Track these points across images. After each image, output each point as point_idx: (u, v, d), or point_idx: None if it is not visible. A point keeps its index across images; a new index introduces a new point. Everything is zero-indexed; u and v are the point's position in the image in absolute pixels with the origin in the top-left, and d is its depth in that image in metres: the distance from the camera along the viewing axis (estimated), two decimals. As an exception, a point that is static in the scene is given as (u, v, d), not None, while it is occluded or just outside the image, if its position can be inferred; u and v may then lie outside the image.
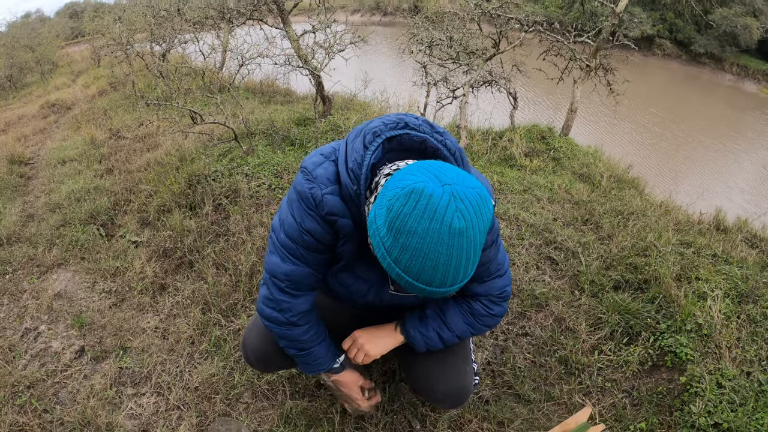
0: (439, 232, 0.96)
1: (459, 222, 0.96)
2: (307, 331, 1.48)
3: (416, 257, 0.98)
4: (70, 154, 5.74)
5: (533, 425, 1.95)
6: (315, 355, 1.53)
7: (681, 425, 1.87)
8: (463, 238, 0.97)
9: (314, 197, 1.23)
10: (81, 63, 16.01)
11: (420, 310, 1.53)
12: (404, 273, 1.02)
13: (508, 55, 5.49)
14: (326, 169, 1.24)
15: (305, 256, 1.33)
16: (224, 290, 2.69)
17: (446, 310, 1.51)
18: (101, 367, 2.37)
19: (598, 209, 3.43)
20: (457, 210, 0.96)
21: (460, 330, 1.51)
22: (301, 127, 4.71)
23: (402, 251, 1.00)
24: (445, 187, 0.98)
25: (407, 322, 1.52)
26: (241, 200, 3.35)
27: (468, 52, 4.53)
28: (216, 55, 6.25)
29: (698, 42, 24.84)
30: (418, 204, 0.97)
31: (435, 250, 0.97)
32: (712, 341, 2.14)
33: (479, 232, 0.99)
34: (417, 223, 0.96)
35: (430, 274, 1.00)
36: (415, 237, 0.97)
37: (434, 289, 1.03)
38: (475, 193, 1.00)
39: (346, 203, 1.24)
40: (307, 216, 1.26)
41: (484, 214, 1.00)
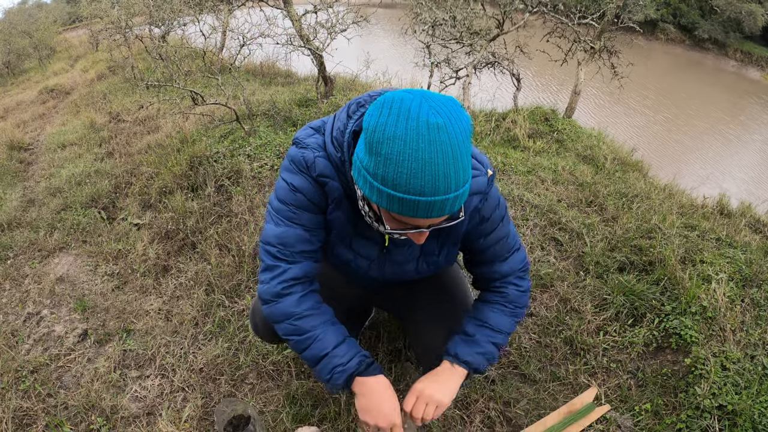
0: (417, 129, 0.93)
1: (435, 117, 0.94)
2: (301, 301, 1.32)
3: (400, 164, 0.95)
4: (69, 139, 5.72)
5: (539, 405, 1.95)
6: (320, 341, 1.31)
7: (686, 407, 1.87)
8: (443, 134, 0.94)
9: (306, 159, 1.24)
10: (79, 48, 15.92)
11: (460, 334, 1.44)
12: (393, 190, 0.98)
13: (512, 36, 5.42)
14: (316, 139, 1.26)
15: (297, 216, 1.28)
16: (227, 271, 2.68)
17: (486, 317, 1.43)
18: (105, 350, 2.37)
19: (602, 191, 3.40)
20: (431, 108, 0.95)
21: (507, 326, 1.44)
22: (302, 108, 4.67)
23: (385, 164, 0.96)
24: (415, 93, 0.98)
25: (459, 353, 1.40)
26: (244, 181, 3.32)
27: (471, 33, 4.46)
28: (216, 35, 6.18)
29: (702, 27, 24.60)
30: (391, 110, 0.96)
31: (418, 149, 0.93)
32: (716, 324, 2.13)
33: (460, 132, 0.96)
34: (394, 128, 0.94)
35: (420, 180, 0.95)
36: (394, 142, 0.94)
37: (428, 198, 0.97)
38: (446, 98, 0.99)
39: (335, 168, 1.24)
40: (299, 176, 1.26)
41: (461, 115, 0.98)
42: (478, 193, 1.29)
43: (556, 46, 6.06)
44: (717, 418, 1.78)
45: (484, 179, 1.29)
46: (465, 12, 4.64)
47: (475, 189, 1.28)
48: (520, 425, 1.88)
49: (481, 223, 1.36)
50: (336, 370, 1.31)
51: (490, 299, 1.47)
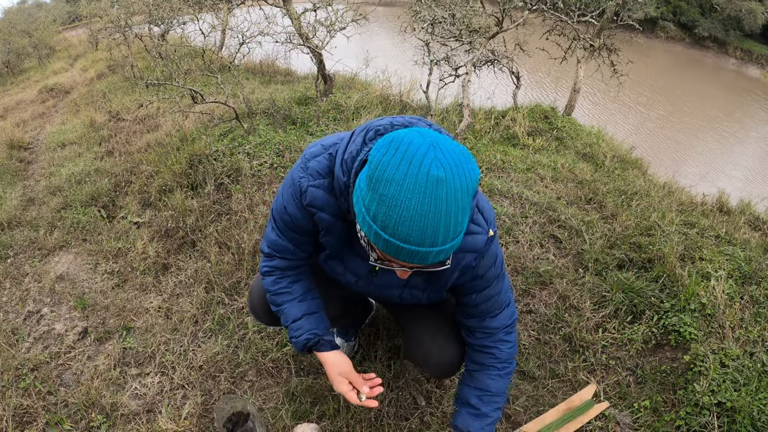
0: (416, 178, 0.91)
1: (437, 170, 0.92)
2: (277, 281, 1.49)
3: (393, 207, 0.94)
4: (69, 138, 5.71)
5: (538, 402, 1.95)
6: (284, 315, 1.49)
7: (685, 404, 1.87)
8: (442, 188, 0.92)
9: (300, 187, 1.27)
10: (79, 47, 15.87)
11: (465, 406, 1.51)
12: (381, 230, 0.98)
13: (511, 34, 5.42)
14: (319, 162, 1.26)
15: (285, 234, 1.40)
16: (227, 269, 2.68)
17: (486, 385, 1.49)
18: (105, 348, 2.37)
19: (601, 188, 3.40)
20: (435, 158, 0.93)
21: (505, 387, 1.52)
22: (302, 106, 4.67)
23: (379, 203, 0.96)
24: (426, 138, 0.96)
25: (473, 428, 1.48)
26: (243, 179, 3.32)
27: (471, 31, 4.46)
28: (216, 34, 6.17)
29: (702, 25, 24.54)
30: (397, 151, 0.94)
31: (412, 198, 0.92)
32: (715, 321, 2.14)
33: (461, 188, 0.94)
34: (395, 170, 0.93)
35: (407, 228, 0.94)
36: (392, 185, 0.93)
37: (412, 248, 0.96)
38: (457, 149, 0.97)
39: (335, 195, 1.24)
40: (292, 201, 1.31)
41: (467, 170, 0.96)
42: (474, 251, 1.29)
43: (555, 44, 6.05)
44: (716, 415, 1.79)
45: (482, 238, 1.28)
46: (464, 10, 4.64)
47: (471, 247, 1.28)
48: (519, 422, 1.89)
49: (474, 280, 1.38)
50: (292, 340, 1.50)
51: (484, 363, 1.50)
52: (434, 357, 1.60)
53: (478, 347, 1.51)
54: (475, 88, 5.54)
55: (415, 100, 5.28)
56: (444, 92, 5.05)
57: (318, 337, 1.48)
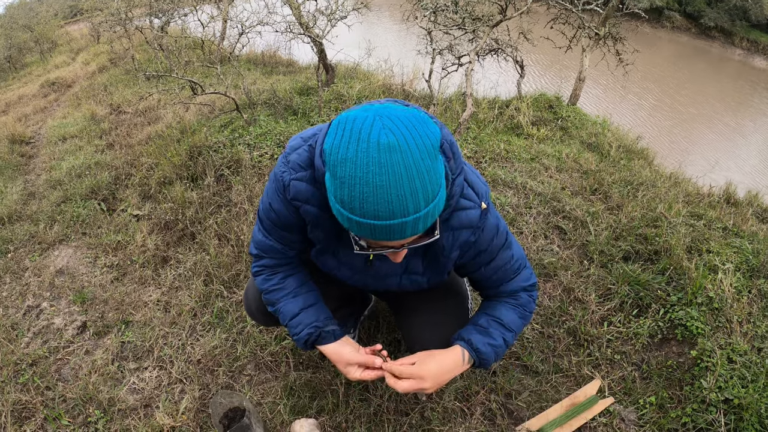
0: (367, 152, 0.89)
1: (387, 137, 0.89)
2: (267, 279, 1.46)
3: (354, 187, 0.92)
4: (70, 131, 5.69)
5: (541, 397, 1.91)
6: (282, 313, 1.45)
7: (691, 400, 1.83)
8: (396, 154, 0.89)
9: (283, 181, 1.24)
10: (80, 41, 15.82)
11: (471, 324, 1.43)
12: (350, 212, 0.95)
13: (515, 23, 5.34)
14: (300, 155, 1.23)
15: (273, 232, 1.37)
16: (226, 261, 2.65)
17: (499, 313, 1.42)
18: (103, 342, 2.35)
19: (607, 179, 3.35)
20: (383, 127, 0.90)
21: (517, 326, 1.43)
22: (303, 97, 4.62)
23: (341, 186, 0.94)
24: (371, 110, 0.93)
25: (473, 339, 1.38)
26: (243, 170, 3.29)
27: (474, 19, 4.39)
28: (216, 24, 6.12)
29: (708, 15, 24.22)
30: (344, 131, 0.93)
31: (368, 172, 0.89)
32: (723, 315, 2.09)
33: (417, 149, 0.91)
34: (346, 150, 0.91)
35: (373, 204, 0.91)
36: (347, 164, 0.91)
37: (385, 222, 0.93)
38: (407, 113, 0.94)
39: (318, 187, 1.21)
40: (276, 197, 1.28)
41: (421, 131, 0.92)
42: (469, 227, 1.26)
43: (560, 33, 5.97)
44: (723, 412, 1.75)
45: (476, 213, 1.25)
46: (467, -3, 4.58)
47: (466, 223, 1.25)
48: (522, 418, 1.85)
49: (478, 255, 1.35)
50: (293, 337, 1.44)
51: (501, 299, 1.46)
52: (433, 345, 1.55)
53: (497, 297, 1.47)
54: (478, 78, 5.48)
55: (417, 90, 5.22)
56: (447, 81, 5.00)
57: (319, 330, 1.42)
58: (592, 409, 1.86)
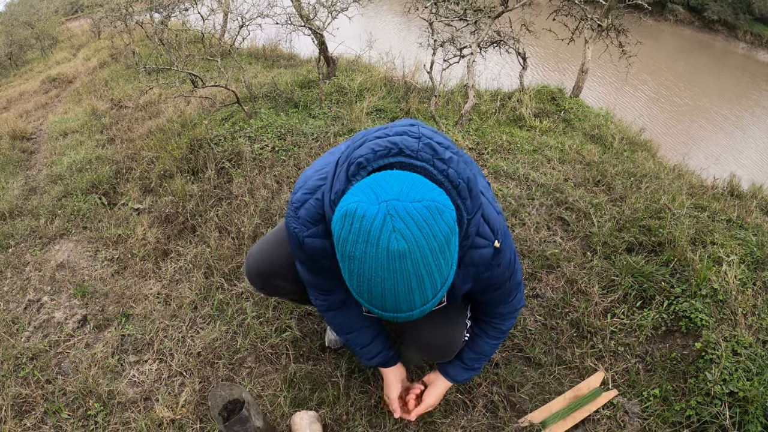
0: (376, 256, 0.86)
1: (397, 244, 0.85)
2: (336, 315, 1.54)
3: (362, 282, 0.91)
4: (71, 126, 5.68)
5: (544, 390, 1.90)
6: (353, 341, 1.58)
7: (696, 392, 1.81)
8: (406, 261, 0.86)
9: (298, 237, 1.25)
10: (81, 37, 15.77)
11: (459, 362, 1.63)
12: (359, 297, 0.95)
13: (517, 14, 5.30)
14: (308, 210, 1.22)
15: (315, 272, 1.39)
16: (227, 254, 2.64)
17: (482, 350, 1.61)
18: (103, 335, 2.35)
19: (610, 170, 3.32)
20: (394, 230, 0.85)
21: (495, 349, 1.64)
22: (304, 89, 4.60)
23: (350, 276, 0.93)
24: (381, 204, 0.87)
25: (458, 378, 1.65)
26: (244, 163, 3.27)
27: (475, 10, 4.36)
28: (216, 17, 6.09)
29: (711, 8, 24.04)
30: (352, 227, 0.88)
31: (376, 275, 0.88)
32: (727, 307, 2.07)
33: (429, 251, 0.87)
34: (354, 248, 0.88)
35: (380, 300, 0.91)
36: (355, 262, 0.89)
37: (390, 314, 0.94)
38: (419, 207, 0.87)
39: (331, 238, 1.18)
40: (297, 250, 1.31)
41: (434, 229, 0.87)
42: (483, 265, 1.26)
43: (562, 25, 5.92)
44: (728, 405, 1.73)
45: (489, 252, 1.24)
46: (469, -12, 4.53)
47: (478, 261, 1.24)
48: (524, 410, 1.84)
49: (489, 287, 1.37)
50: (362, 360, 1.63)
51: (487, 332, 1.58)
52: (432, 338, 1.57)
53: (486, 320, 1.57)
54: (480, 70, 5.45)
55: (419, 82, 5.18)
56: (449, 73, 4.96)
57: (387, 357, 1.62)
58: (596, 401, 1.84)
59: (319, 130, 3.50)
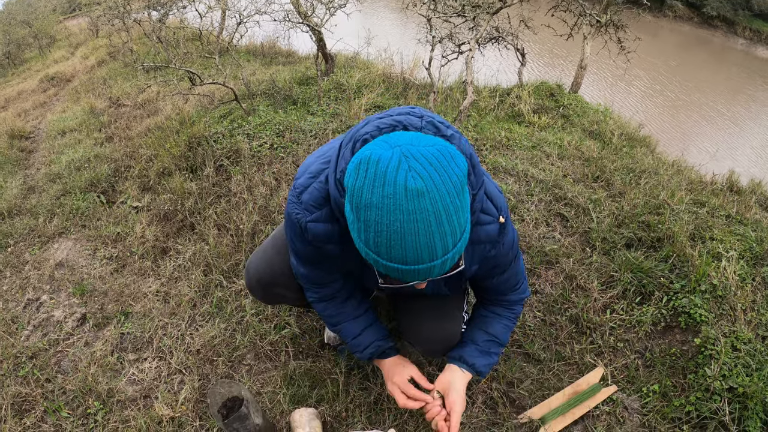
0: (394, 197, 0.85)
1: (414, 182, 0.84)
2: (327, 306, 1.52)
3: (380, 232, 0.88)
4: (69, 125, 5.67)
5: (543, 386, 1.89)
6: (344, 332, 1.55)
7: (695, 388, 1.81)
8: (425, 200, 0.85)
9: (300, 224, 1.23)
10: (79, 35, 15.72)
11: (473, 343, 1.54)
12: (376, 255, 0.92)
13: (516, 10, 5.29)
14: (311, 194, 1.21)
15: (312, 266, 1.39)
16: (226, 251, 2.64)
17: (496, 331, 1.55)
18: (103, 333, 2.35)
19: (609, 166, 3.31)
20: (410, 170, 0.85)
21: (507, 339, 1.59)
22: (303, 86, 4.59)
23: (366, 230, 0.90)
24: (395, 149, 0.88)
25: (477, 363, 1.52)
26: (243, 160, 3.27)
27: (474, 6, 4.34)
28: (213, 14, 6.08)
29: (710, 4, 23.98)
30: (367, 173, 0.87)
31: (396, 220, 0.85)
32: (726, 303, 2.06)
33: (447, 191, 0.87)
34: (371, 194, 0.87)
35: (401, 250, 0.88)
36: (372, 210, 0.87)
37: (413, 267, 0.90)
38: (433, 150, 0.88)
39: (336, 222, 1.20)
40: (298, 239, 1.29)
41: (448, 169, 0.88)
42: (489, 242, 1.27)
43: (561, 21, 5.90)
44: (727, 401, 1.73)
45: (494, 228, 1.24)
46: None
47: (485, 238, 1.25)
48: (524, 406, 1.83)
49: (494, 268, 1.38)
50: (356, 354, 1.57)
51: (499, 312, 1.55)
52: (431, 333, 1.58)
53: (496, 303, 1.56)
54: (479, 66, 5.43)
55: (418, 78, 5.17)
56: (448, 69, 4.96)
57: (381, 348, 1.55)
58: (595, 397, 1.84)
59: (317, 127, 3.50)
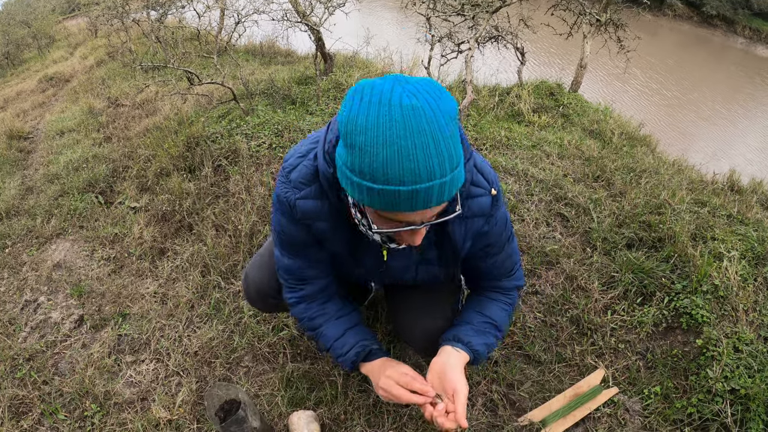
0: (390, 114, 0.84)
1: (409, 99, 0.85)
2: (308, 307, 1.44)
3: (375, 154, 0.86)
4: (68, 125, 5.67)
5: (544, 388, 1.88)
6: (324, 337, 1.43)
7: (697, 390, 1.79)
8: (420, 116, 0.84)
9: (288, 202, 1.23)
10: (78, 35, 15.73)
11: (468, 324, 1.41)
12: (372, 182, 0.89)
13: (515, 9, 5.27)
14: (300, 171, 1.20)
15: (296, 253, 1.35)
16: (224, 252, 2.62)
17: (492, 313, 1.42)
18: (100, 335, 2.33)
19: (609, 166, 3.30)
20: (404, 91, 0.86)
21: (506, 327, 1.46)
22: (302, 86, 4.59)
23: (361, 155, 0.88)
24: (388, 77, 0.90)
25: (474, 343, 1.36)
26: (241, 160, 3.25)
27: (473, 5, 4.33)
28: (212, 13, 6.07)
29: (710, 3, 23.98)
30: (363, 98, 0.88)
31: (392, 135, 0.84)
32: (728, 304, 2.05)
33: (441, 113, 0.86)
34: (366, 116, 0.86)
35: (397, 167, 0.86)
36: (367, 132, 0.86)
37: (409, 188, 0.87)
38: (424, 80, 0.90)
39: (326, 197, 1.18)
40: (286, 219, 1.27)
41: (442, 96, 0.88)
42: (482, 215, 1.24)
43: (560, 20, 5.90)
44: (729, 403, 1.71)
45: (487, 200, 1.23)
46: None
47: (478, 211, 1.23)
48: (524, 409, 1.82)
49: (487, 246, 1.34)
50: (339, 360, 1.42)
51: (494, 297, 1.47)
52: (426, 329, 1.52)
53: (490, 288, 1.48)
54: (478, 65, 5.43)
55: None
56: (447, 69, 4.95)
57: (367, 348, 1.40)
58: (596, 399, 1.82)
59: (316, 126, 3.49)
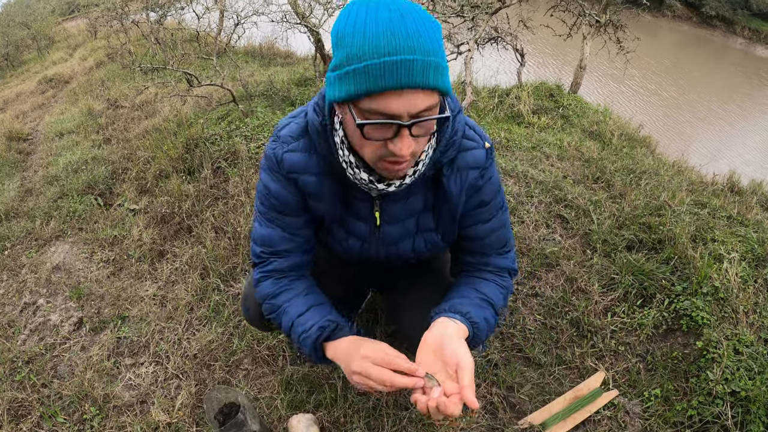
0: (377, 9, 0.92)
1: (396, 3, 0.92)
2: (276, 282, 1.32)
3: (366, 30, 0.91)
4: (67, 127, 5.66)
5: (544, 390, 1.87)
6: (287, 313, 1.28)
7: (697, 392, 1.79)
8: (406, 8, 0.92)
9: (276, 156, 1.23)
10: (78, 37, 15.71)
11: (460, 296, 1.28)
12: (357, 62, 0.92)
13: (515, 10, 5.28)
14: (290, 128, 1.23)
15: (277, 219, 1.30)
16: (223, 254, 2.62)
17: (489, 291, 1.30)
18: (99, 338, 2.32)
19: (609, 167, 3.30)
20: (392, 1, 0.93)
21: (501, 311, 1.34)
22: (301, 88, 4.59)
23: (351, 44, 0.93)
24: None
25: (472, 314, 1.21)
26: (241, 162, 3.25)
27: (473, 6, 4.33)
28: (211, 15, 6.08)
29: (709, 4, 24.02)
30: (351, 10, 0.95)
31: (377, 14, 0.91)
32: (728, 305, 2.04)
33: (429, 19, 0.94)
34: (355, 19, 0.93)
35: (381, 39, 0.90)
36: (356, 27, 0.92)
37: (392, 58, 0.90)
38: None
39: (315, 150, 1.20)
40: (271, 177, 1.25)
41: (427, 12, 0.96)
42: (476, 167, 1.23)
43: (560, 21, 5.90)
44: (730, 405, 1.70)
45: (482, 152, 1.23)
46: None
47: (473, 163, 1.22)
48: (524, 412, 1.81)
49: (480, 206, 1.30)
50: (301, 338, 1.23)
51: (486, 276, 1.35)
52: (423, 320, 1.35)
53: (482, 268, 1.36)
54: (478, 66, 5.43)
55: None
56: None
57: (333, 323, 1.22)
58: (596, 402, 1.82)
59: (316, 128, 3.48)
